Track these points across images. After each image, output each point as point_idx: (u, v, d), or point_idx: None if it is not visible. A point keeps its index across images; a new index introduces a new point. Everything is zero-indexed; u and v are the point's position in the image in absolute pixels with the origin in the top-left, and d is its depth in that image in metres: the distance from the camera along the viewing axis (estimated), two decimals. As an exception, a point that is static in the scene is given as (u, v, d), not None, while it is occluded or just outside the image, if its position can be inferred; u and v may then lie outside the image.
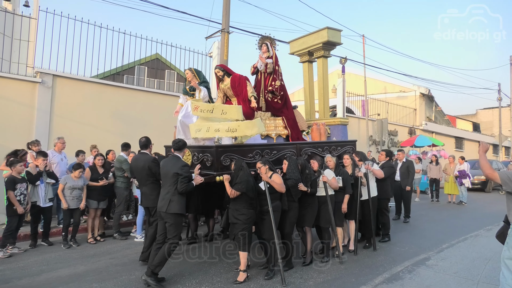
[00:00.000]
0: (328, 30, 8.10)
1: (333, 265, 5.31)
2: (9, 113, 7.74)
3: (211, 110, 5.49)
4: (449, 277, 4.88)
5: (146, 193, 5.29)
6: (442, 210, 10.84)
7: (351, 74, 20.27)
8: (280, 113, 6.82)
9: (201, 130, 5.42)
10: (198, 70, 6.64)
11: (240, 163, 4.81)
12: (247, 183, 4.58)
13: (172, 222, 4.52)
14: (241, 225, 4.59)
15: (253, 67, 7.04)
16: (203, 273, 4.87)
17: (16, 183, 5.73)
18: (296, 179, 5.06)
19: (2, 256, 5.57)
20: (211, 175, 4.96)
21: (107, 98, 9.28)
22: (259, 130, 5.34)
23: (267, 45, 6.90)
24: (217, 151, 5.03)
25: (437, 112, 24.51)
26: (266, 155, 5.54)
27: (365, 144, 15.91)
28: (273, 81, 6.76)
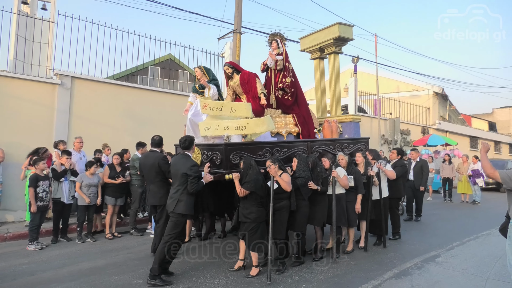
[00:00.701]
0: (340, 26, 7.97)
1: (342, 261, 5.43)
2: (31, 114, 8.07)
3: (220, 108, 5.50)
4: (458, 273, 4.95)
5: (154, 191, 5.35)
6: (455, 210, 10.81)
7: (363, 73, 20.23)
8: (291, 111, 6.77)
9: (210, 128, 5.41)
10: (208, 68, 6.65)
11: (249, 161, 4.83)
12: (256, 182, 4.62)
13: (174, 221, 4.55)
14: (251, 224, 4.63)
15: (263, 64, 7.03)
16: (217, 267, 5.03)
17: (39, 180, 6.01)
18: (306, 177, 5.05)
19: (34, 249, 5.88)
20: (221, 174, 4.98)
21: (123, 98, 9.55)
22: (268, 128, 5.36)
23: (277, 42, 6.85)
24: (226, 149, 5.05)
25: (451, 111, 24.23)
26: (276, 153, 5.51)
27: (377, 143, 15.89)
28: (283, 78, 6.70)
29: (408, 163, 9.83)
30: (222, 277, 4.67)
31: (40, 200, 5.98)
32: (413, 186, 8.84)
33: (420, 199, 8.98)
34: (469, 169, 12.16)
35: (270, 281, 4.39)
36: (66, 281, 4.52)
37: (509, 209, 3.51)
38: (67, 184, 6.53)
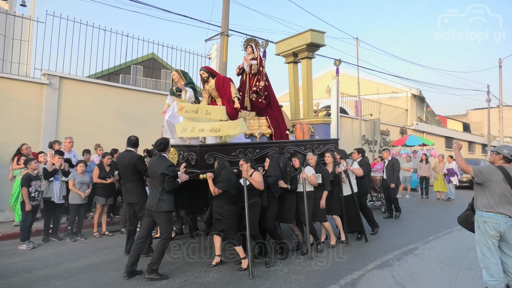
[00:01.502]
0: (312, 32, 8.34)
1: (328, 254, 5.77)
2: (19, 114, 8.07)
3: (195, 111, 5.69)
4: (434, 264, 5.37)
5: (130, 189, 5.47)
6: (431, 207, 11.37)
7: (345, 75, 20.77)
8: (264, 113, 7.05)
9: (187, 130, 5.62)
10: (185, 72, 6.83)
11: (222, 162, 5.07)
12: (229, 182, 4.86)
13: (162, 219, 4.72)
14: (225, 221, 4.90)
15: (238, 68, 7.31)
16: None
17: (31, 180, 6.08)
18: (276, 176, 5.37)
19: (26, 248, 5.95)
20: (196, 173, 5.21)
21: (110, 98, 9.62)
22: (241, 130, 5.62)
23: (252, 47, 7.14)
24: (201, 150, 5.29)
25: (428, 113, 25.16)
26: (249, 153, 5.78)
27: (358, 143, 16.40)
28: (257, 81, 6.97)
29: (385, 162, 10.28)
30: (216, 271, 4.91)
31: (32, 199, 6.05)
32: (387, 185, 9.15)
33: (394, 196, 9.16)
34: (445, 168, 12.77)
35: (252, 277, 4.61)
36: (64, 277, 4.66)
37: (476, 202, 3.92)
38: (58, 184, 6.61)
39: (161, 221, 4.74)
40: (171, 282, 4.51)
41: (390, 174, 9.08)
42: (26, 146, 7.34)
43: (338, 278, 4.67)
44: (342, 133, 15.98)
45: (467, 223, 4.15)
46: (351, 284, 4.52)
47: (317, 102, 17.81)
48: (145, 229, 4.89)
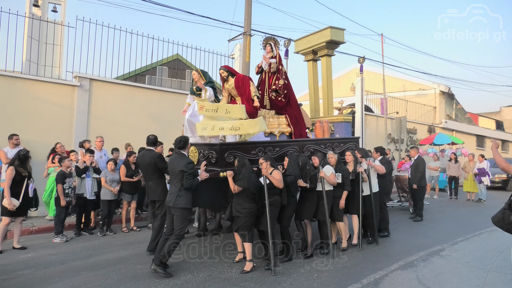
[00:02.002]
0: (331, 29, 8.21)
1: (351, 253, 5.76)
2: (52, 114, 8.47)
3: (215, 110, 5.70)
4: (461, 266, 5.25)
5: (152, 187, 5.61)
6: (460, 207, 11.05)
7: (370, 73, 20.43)
8: (284, 111, 7.01)
9: (207, 129, 5.65)
10: (205, 71, 6.88)
11: (242, 160, 5.11)
12: (249, 179, 4.89)
13: (179, 215, 4.81)
14: (244, 218, 4.91)
15: (257, 67, 7.27)
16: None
17: (65, 177, 6.39)
18: (295, 175, 5.36)
19: (60, 241, 6.28)
20: (216, 171, 5.25)
21: (138, 99, 9.92)
22: (261, 128, 5.59)
23: (271, 45, 7.11)
24: (221, 148, 5.33)
25: (457, 110, 24.35)
26: (269, 152, 5.77)
27: (383, 142, 16.13)
28: (276, 80, 6.95)
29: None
30: (239, 267, 4.99)
31: (66, 195, 6.35)
32: (411, 185, 8.85)
33: (419, 198, 8.77)
34: (475, 168, 12.35)
35: (274, 274, 4.64)
36: (95, 269, 4.89)
37: None
38: (89, 181, 6.93)
39: (177, 217, 4.84)
40: (196, 277, 4.64)
41: (414, 174, 8.82)
42: (60, 144, 7.71)
43: (360, 277, 4.66)
44: (367, 132, 15.76)
45: (503, 223, 3.91)
46: (373, 283, 4.50)
47: (342, 100, 17.67)
48: (170, 226, 5.01)
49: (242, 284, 4.42)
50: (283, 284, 4.43)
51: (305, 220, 5.73)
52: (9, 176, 5.61)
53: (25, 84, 8.19)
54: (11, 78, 8.10)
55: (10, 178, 5.61)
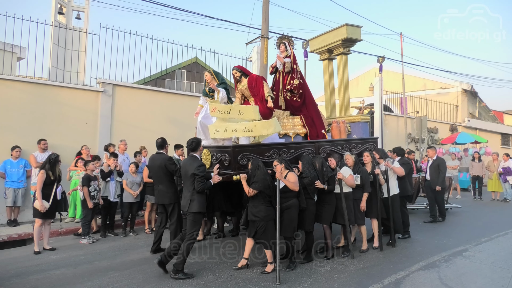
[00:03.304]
0: (347, 27, 7.97)
1: (371, 254, 5.75)
2: (77, 119, 8.78)
3: (228, 111, 5.59)
4: (485, 266, 5.17)
5: (162, 191, 5.53)
6: (484, 207, 10.80)
7: (389, 72, 20.17)
8: (299, 112, 6.83)
9: (219, 131, 5.54)
10: (217, 72, 6.81)
11: (256, 162, 5.00)
12: (264, 182, 4.79)
13: (191, 219, 4.77)
14: (260, 222, 4.78)
15: (271, 66, 7.15)
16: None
17: (90, 180, 6.62)
18: (312, 176, 5.22)
19: (87, 243, 6.50)
20: (229, 175, 5.15)
21: (158, 102, 10.15)
22: (275, 130, 5.46)
23: (285, 45, 6.95)
24: (234, 151, 5.21)
25: (481, 108, 23.75)
26: (284, 154, 5.63)
27: (403, 142, 15.91)
28: (291, 80, 6.79)
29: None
30: (260, 267, 5.07)
31: (92, 198, 6.58)
32: (430, 186, 8.48)
33: (441, 199, 8.54)
34: (500, 167, 12.06)
35: (279, 282, 4.46)
36: (121, 269, 5.07)
37: None
38: (113, 184, 7.16)
39: (189, 221, 4.81)
40: (218, 277, 4.74)
41: (434, 175, 8.38)
42: (85, 147, 7.99)
43: (381, 278, 4.67)
44: (387, 132, 15.58)
45: None
46: (395, 284, 4.50)
47: (363, 99, 17.52)
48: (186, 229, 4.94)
49: (263, 284, 4.49)
50: (303, 284, 4.48)
51: (324, 225, 5.59)
52: (40, 179, 5.87)
53: (52, 90, 8.52)
54: (39, 85, 8.44)
55: (41, 181, 5.87)
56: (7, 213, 7.59)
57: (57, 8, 11.15)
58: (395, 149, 7.60)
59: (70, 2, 12.12)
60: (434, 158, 8.63)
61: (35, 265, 5.29)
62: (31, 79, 8.54)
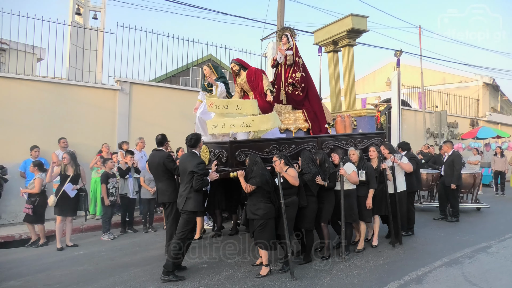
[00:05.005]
0: (353, 17, 7.63)
1: (392, 250, 5.67)
2: (96, 117, 8.93)
3: (226, 106, 5.38)
4: (510, 263, 5.04)
5: (162, 189, 5.35)
6: (508, 203, 10.52)
7: (407, 66, 19.79)
8: (301, 106, 6.58)
9: (217, 126, 5.34)
10: (216, 66, 6.57)
11: (254, 157, 4.80)
12: (262, 177, 4.57)
13: (185, 218, 4.62)
14: (259, 220, 4.56)
15: (273, 59, 6.90)
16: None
17: (109, 177, 6.73)
18: (312, 173, 4.99)
19: (108, 239, 6.64)
20: (226, 171, 4.97)
21: (174, 100, 10.21)
22: (274, 124, 5.25)
23: (287, 36, 6.69)
24: (231, 147, 5.04)
25: (503, 102, 23.09)
26: (284, 149, 5.42)
27: (421, 137, 15.62)
28: (293, 73, 6.52)
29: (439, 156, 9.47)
30: (278, 262, 5.05)
31: (111, 195, 6.69)
32: (444, 184, 8.02)
33: (455, 198, 7.96)
34: (523, 162, 11.72)
35: (294, 277, 4.43)
36: (142, 265, 5.15)
37: None
38: (131, 181, 7.26)
39: (182, 220, 4.66)
40: (237, 272, 4.76)
41: (448, 172, 7.89)
42: (106, 145, 8.14)
43: (402, 274, 4.59)
44: (404, 127, 15.31)
45: None
46: (416, 280, 4.42)
47: (378, 95, 17.26)
48: None
49: (282, 279, 4.48)
50: (323, 280, 4.45)
51: (321, 224, 5.31)
52: (55, 174, 6.22)
53: (71, 89, 8.68)
54: (58, 84, 8.61)
55: (55, 176, 6.25)
56: (29, 211, 7.78)
57: (75, 9, 11.35)
58: (400, 144, 7.35)
59: (87, 2, 12.33)
60: (450, 154, 8.12)
61: (59, 261, 5.42)
62: (50, 79, 8.71)
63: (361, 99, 19.93)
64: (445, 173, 8.00)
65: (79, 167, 6.36)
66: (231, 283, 4.43)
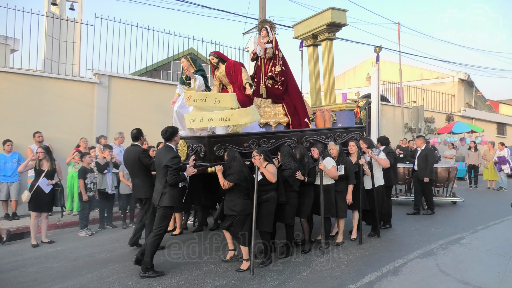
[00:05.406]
0: (332, 11, 7.61)
1: (370, 243, 5.79)
2: (73, 111, 8.71)
3: (204, 99, 5.26)
4: (482, 253, 5.23)
5: (138, 185, 5.29)
6: (480, 196, 10.91)
7: (386, 62, 20.13)
8: (281, 100, 6.52)
9: (195, 120, 5.23)
10: (194, 59, 6.43)
11: (233, 153, 4.76)
12: (240, 174, 4.54)
13: (161, 213, 4.55)
14: (236, 216, 4.57)
15: (252, 53, 6.81)
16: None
17: (86, 173, 6.59)
18: (292, 168, 4.97)
19: (85, 235, 6.51)
20: (204, 167, 4.89)
21: (154, 94, 10.07)
22: (253, 118, 5.16)
23: (267, 29, 6.58)
24: (209, 141, 4.95)
25: (477, 98, 23.79)
26: (264, 144, 5.36)
27: (400, 132, 15.97)
28: (273, 66, 6.45)
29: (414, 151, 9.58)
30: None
31: (89, 190, 6.56)
32: (418, 177, 8.12)
33: (429, 191, 8.14)
34: (495, 156, 12.16)
35: (253, 275, 4.38)
36: (121, 261, 5.08)
37: None
38: (110, 176, 7.13)
39: (158, 215, 4.59)
40: (217, 267, 4.76)
41: (422, 165, 8.00)
42: (84, 139, 7.96)
43: (380, 266, 4.71)
44: (384, 122, 15.61)
45: None
46: (393, 271, 4.54)
47: (358, 91, 17.51)
48: None
49: (263, 273, 4.51)
50: (303, 274, 4.51)
51: (301, 219, 5.35)
52: (29, 166, 6.05)
53: (47, 82, 8.43)
54: (33, 76, 8.34)
55: (29, 167, 6.07)
56: (3, 207, 7.56)
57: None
58: (379, 139, 7.44)
59: (63, -7, 11.93)
60: (423, 148, 8.24)
61: (34, 258, 5.29)
62: (25, 71, 8.42)
63: (341, 94, 20.17)
64: (419, 167, 8.10)
65: (54, 161, 6.19)
66: (212, 278, 4.43)
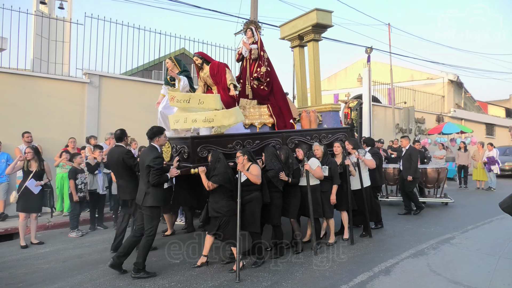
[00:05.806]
0: (317, 12, 7.55)
1: (361, 243, 5.82)
2: (63, 111, 8.60)
3: (188, 100, 5.23)
4: (472, 253, 5.29)
5: (123, 186, 5.26)
6: (470, 196, 11.04)
7: (377, 63, 20.31)
8: (266, 101, 6.54)
9: (179, 121, 5.22)
10: (179, 59, 6.39)
11: (217, 154, 4.75)
12: (224, 175, 4.54)
13: (148, 214, 4.53)
14: (222, 218, 4.58)
15: (238, 53, 6.82)
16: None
17: (77, 173, 6.52)
18: (276, 169, 4.99)
19: (76, 236, 6.44)
20: (188, 168, 4.88)
21: (145, 94, 9.97)
22: (237, 119, 5.19)
23: (252, 30, 6.60)
24: (193, 142, 4.95)
25: (466, 99, 24.12)
26: (248, 145, 5.36)
27: (391, 132, 16.10)
28: (258, 67, 6.45)
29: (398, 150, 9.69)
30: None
31: (79, 191, 6.48)
32: (403, 177, 8.18)
33: (410, 189, 8.16)
34: (485, 156, 12.31)
35: (239, 280, 4.26)
36: (112, 262, 5.01)
37: None
38: (101, 176, 7.06)
39: (146, 216, 4.56)
40: (209, 268, 4.74)
41: (407, 165, 8.09)
42: (72, 140, 7.85)
43: (372, 266, 4.73)
44: (375, 122, 15.74)
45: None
46: (385, 271, 4.56)
47: (348, 92, 17.63)
48: (140, 224, 4.72)
49: (255, 274, 4.51)
50: (295, 274, 4.51)
51: (291, 220, 5.38)
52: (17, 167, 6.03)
53: (36, 82, 8.32)
54: (21, 76, 8.21)
55: (17, 168, 6.06)
56: (-8, 207, 7.44)
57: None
58: (365, 140, 7.45)
59: (52, -9, 11.79)
60: (407, 148, 8.31)
61: (23, 259, 5.21)
62: (13, 71, 8.29)
63: (333, 95, 20.27)
64: (404, 167, 8.22)
65: (43, 162, 6.11)
66: (204, 278, 4.41)
